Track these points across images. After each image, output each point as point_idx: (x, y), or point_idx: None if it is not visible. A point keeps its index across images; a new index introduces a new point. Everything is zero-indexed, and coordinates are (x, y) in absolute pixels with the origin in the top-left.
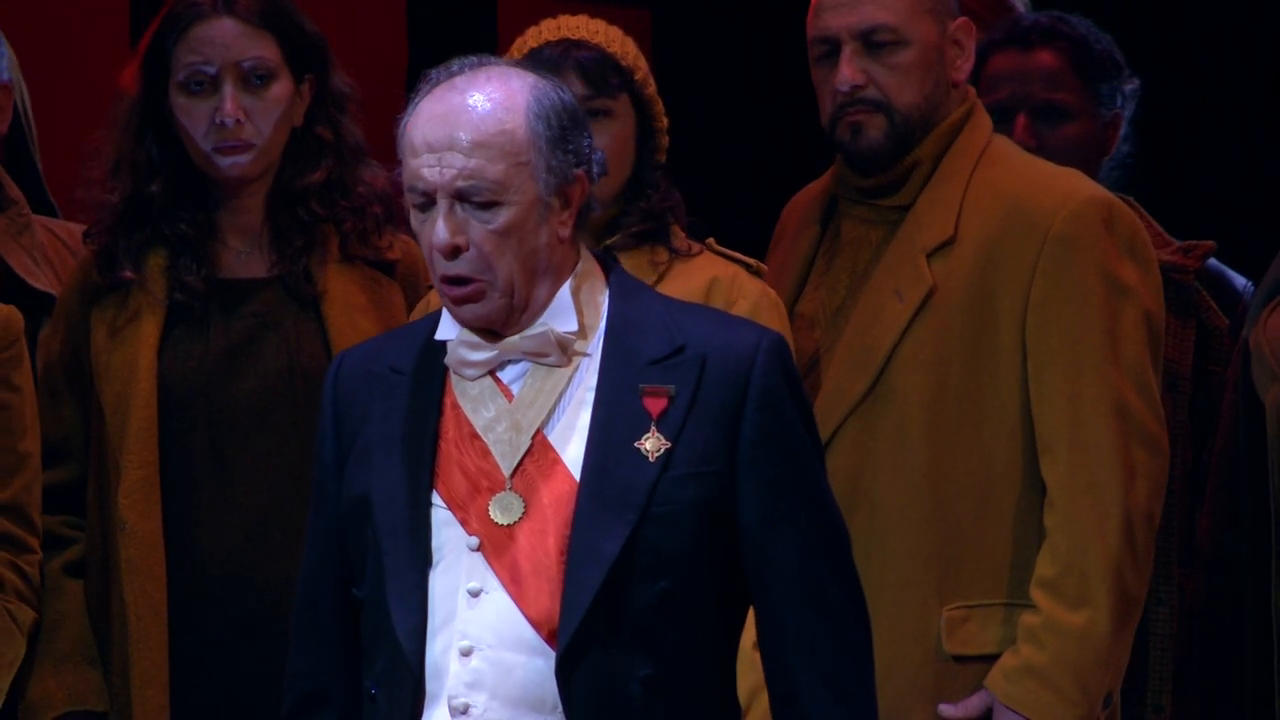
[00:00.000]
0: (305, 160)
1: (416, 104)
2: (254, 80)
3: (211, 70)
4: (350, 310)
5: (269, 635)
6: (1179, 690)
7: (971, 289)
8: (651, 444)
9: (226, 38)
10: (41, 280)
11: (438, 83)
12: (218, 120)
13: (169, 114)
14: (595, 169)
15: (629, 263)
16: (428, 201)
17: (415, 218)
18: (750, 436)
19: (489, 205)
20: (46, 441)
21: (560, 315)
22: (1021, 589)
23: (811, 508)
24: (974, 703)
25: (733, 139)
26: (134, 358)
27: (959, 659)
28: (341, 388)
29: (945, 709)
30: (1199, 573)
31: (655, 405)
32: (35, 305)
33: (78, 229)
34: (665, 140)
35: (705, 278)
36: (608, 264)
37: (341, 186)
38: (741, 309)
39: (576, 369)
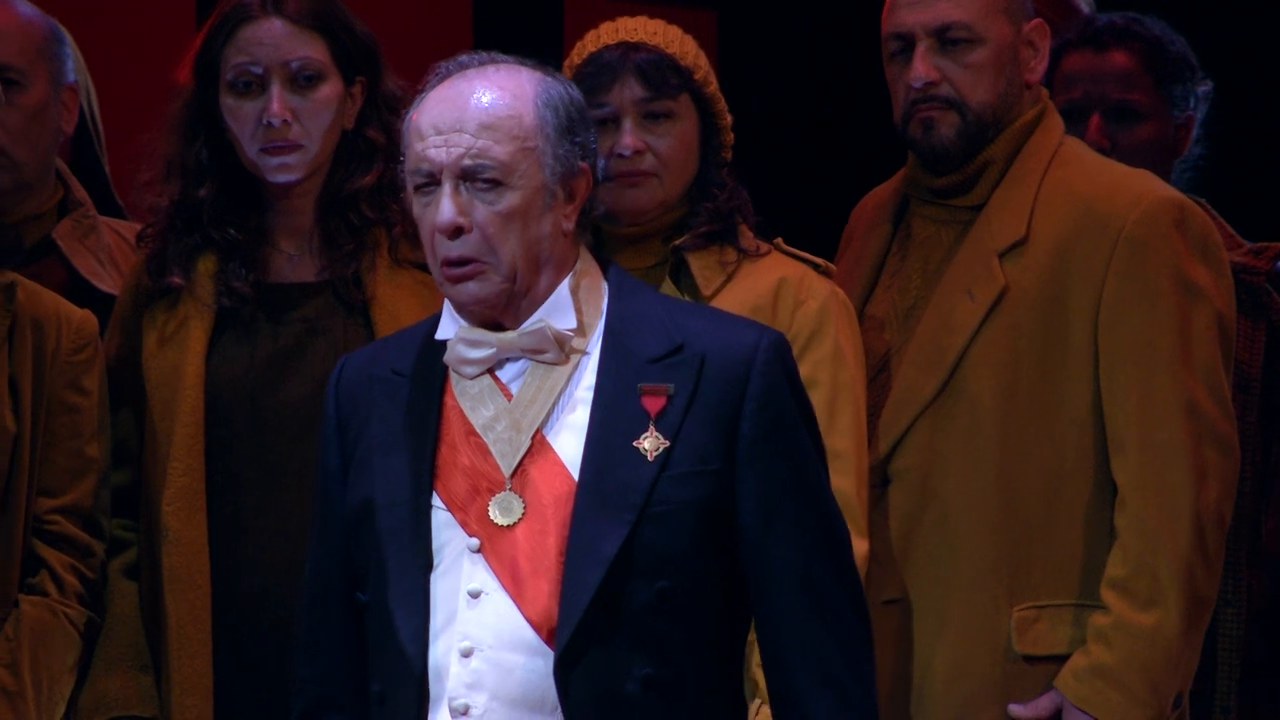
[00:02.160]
0: (356, 163)
1: (424, 95)
2: (302, 81)
3: (259, 70)
4: (399, 316)
5: None
6: (1246, 691)
7: (1044, 290)
8: (650, 443)
9: (274, 38)
10: (107, 282)
11: (448, 74)
12: (265, 121)
13: (219, 116)
14: (599, 172)
15: (697, 263)
16: (431, 182)
17: (418, 202)
18: (749, 435)
19: (494, 186)
20: None
21: (559, 312)
22: (1092, 589)
23: (811, 508)
24: (1044, 703)
25: (800, 139)
26: (181, 364)
27: (1029, 659)
28: (344, 393)
29: (1015, 709)
30: (1265, 574)
31: (654, 404)
32: (101, 307)
33: None
34: (730, 138)
35: (774, 278)
36: (606, 264)
37: (392, 189)
38: (810, 309)
39: (576, 367)
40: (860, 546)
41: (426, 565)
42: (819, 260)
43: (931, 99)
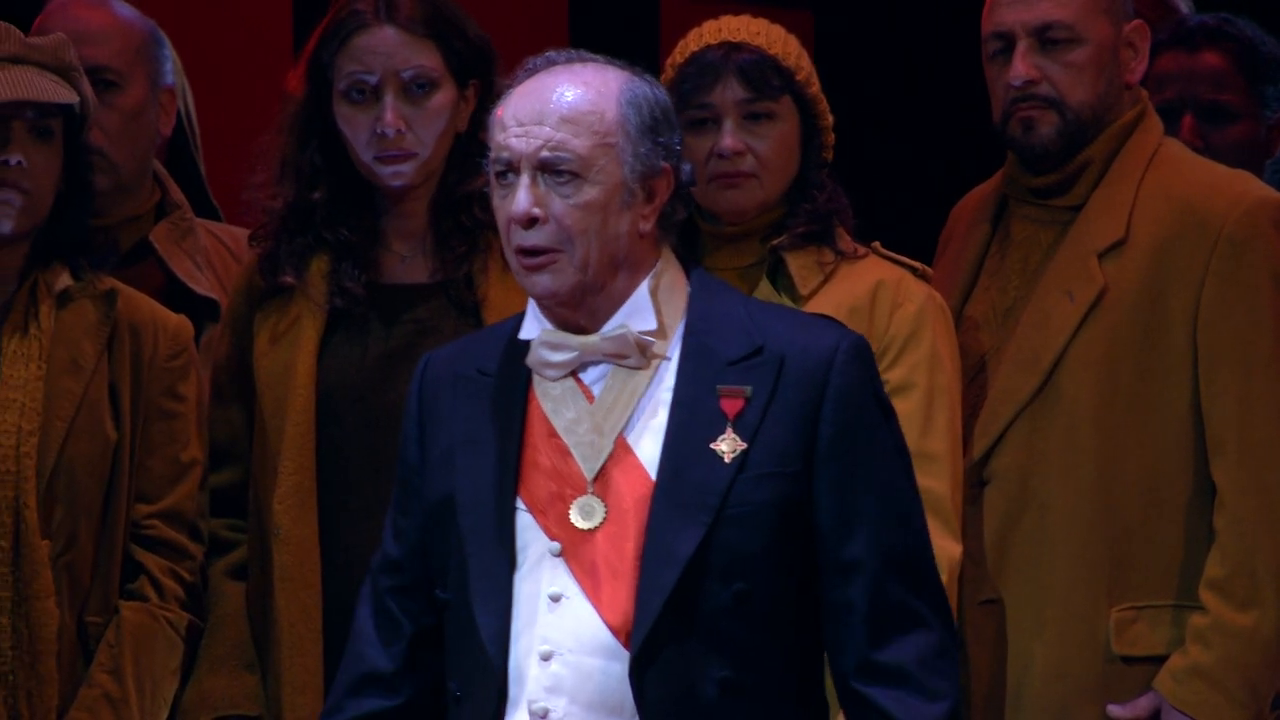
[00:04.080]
0: (469, 166)
1: (511, 89)
2: (415, 89)
3: (373, 80)
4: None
5: None
6: None
7: (1143, 290)
8: (727, 445)
9: (388, 47)
10: (203, 285)
11: (535, 69)
12: (379, 130)
13: (331, 120)
14: (684, 176)
15: (795, 263)
16: (509, 170)
17: (497, 194)
18: (827, 437)
19: (572, 179)
20: (212, 444)
21: (638, 314)
22: (1191, 590)
23: (890, 509)
24: (1142, 704)
25: (896, 141)
26: (293, 363)
27: (1128, 660)
28: (427, 389)
29: (1114, 710)
30: None
31: (731, 406)
32: (198, 310)
33: (240, 232)
34: (831, 139)
35: (871, 280)
36: (689, 265)
37: None
38: (907, 312)
39: (657, 370)
40: (954, 549)
41: (510, 567)
42: (916, 264)
43: (1031, 98)
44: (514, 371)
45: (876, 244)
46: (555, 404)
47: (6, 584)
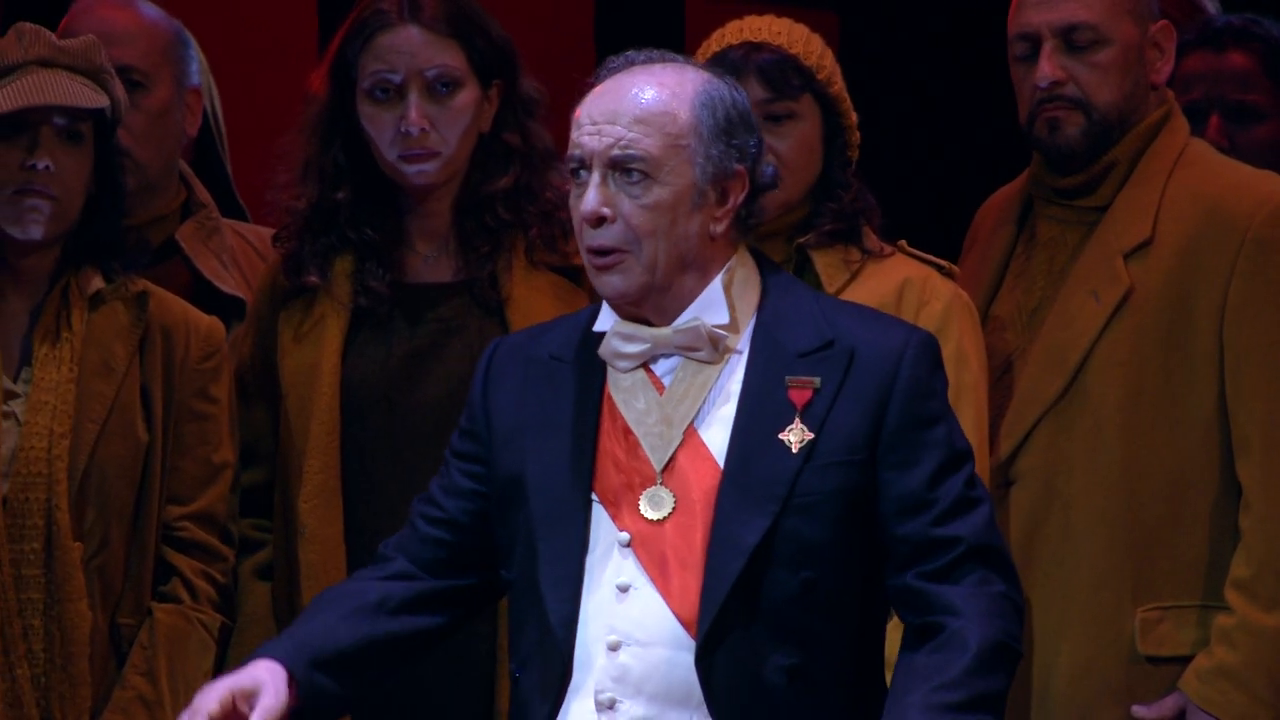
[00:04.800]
0: (493, 165)
1: (591, 88)
2: (439, 89)
3: (396, 79)
4: (533, 317)
5: (448, 640)
6: None
7: (1169, 290)
8: (795, 435)
9: (412, 46)
10: (229, 284)
11: (615, 69)
12: (403, 129)
13: (355, 120)
14: (763, 178)
15: (821, 260)
16: (582, 167)
17: (573, 193)
18: (892, 426)
19: (642, 179)
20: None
21: (711, 308)
22: (1217, 590)
23: (949, 496)
24: (1168, 704)
25: (922, 141)
26: (317, 362)
27: (1153, 660)
28: (495, 367)
29: (1139, 710)
30: None
31: (800, 397)
32: (224, 309)
33: (266, 232)
34: (856, 137)
35: (898, 278)
36: (765, 264)
37: (529, 192)
38: (934, 310)
39: (727, 362)
40: None
41: (580, 554)
42: (943, 262)
43: (1057, 99)
44: (589, 361)
45: (903, 243)
46: (625, 395)
47: (39, 586)
